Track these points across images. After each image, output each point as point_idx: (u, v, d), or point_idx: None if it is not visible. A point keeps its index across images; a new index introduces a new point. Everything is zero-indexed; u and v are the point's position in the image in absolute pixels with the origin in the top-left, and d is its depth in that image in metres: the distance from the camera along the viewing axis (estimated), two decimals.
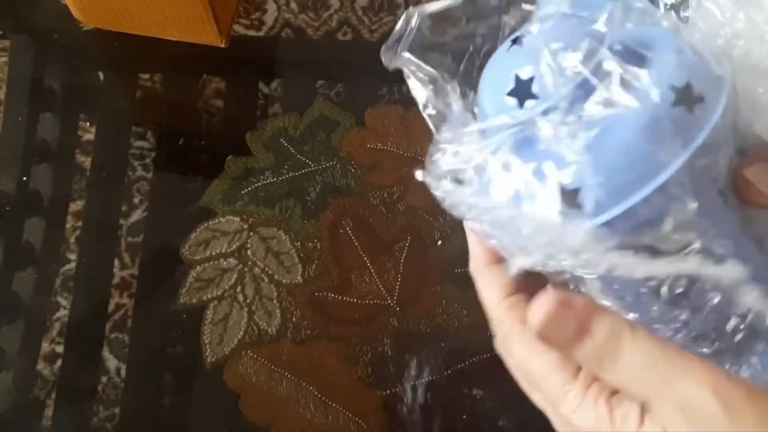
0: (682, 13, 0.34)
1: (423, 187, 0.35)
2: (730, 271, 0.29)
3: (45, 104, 0.70)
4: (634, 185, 0.31)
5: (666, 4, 0.34)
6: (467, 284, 0.62)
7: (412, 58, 0.34)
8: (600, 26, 0.32)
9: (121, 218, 0.65)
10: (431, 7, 0.34)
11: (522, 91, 0.32)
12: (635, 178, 0.31)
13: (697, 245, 0.30)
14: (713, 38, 0.33)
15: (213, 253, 0.63)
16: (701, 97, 0.30)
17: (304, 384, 0.60)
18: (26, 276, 0.64)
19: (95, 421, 0.60)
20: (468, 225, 0.36)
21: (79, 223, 0.66)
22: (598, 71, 0.31)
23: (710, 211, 0.31)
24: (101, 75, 0.71)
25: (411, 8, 0.33)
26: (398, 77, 0.69)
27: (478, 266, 0.37)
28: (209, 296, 0.62)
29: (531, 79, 0.32)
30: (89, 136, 0.68)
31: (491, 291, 0.35)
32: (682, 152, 0.30)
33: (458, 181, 0.34)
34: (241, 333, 0.61)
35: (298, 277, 0.63)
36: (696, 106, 0.30)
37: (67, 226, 0.65)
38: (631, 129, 0.30)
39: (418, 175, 0.34)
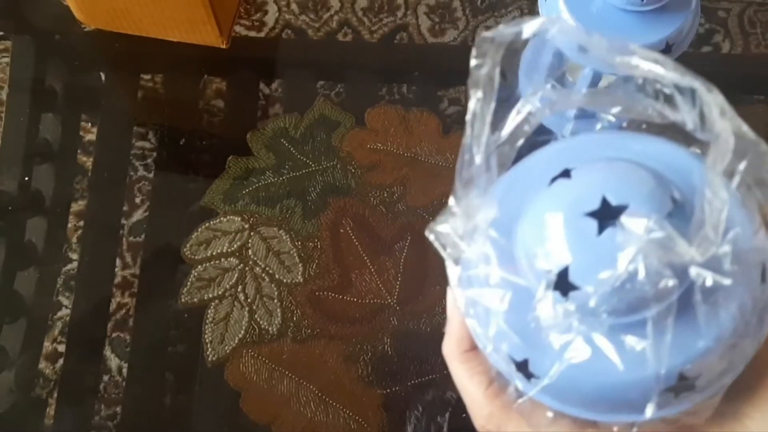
0: None
1: (423, 187, 0.34)
2: None
3: (47, 105, 0.70)
4: (595, 411, 0.32)
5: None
6: None
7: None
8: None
9: (122, 218, 0.65)
10: None
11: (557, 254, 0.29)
12: (601, 408, 0.31)
13: None
14: None
15: (214, 253, 0.64)
16: None
17: (304, 383, 0.60)
18: (28, 275, 0.64)
19: (97, 419, 0.60)
20: (453, 298, 0.34)
21: (81, 223, 0.66)
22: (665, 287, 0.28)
23: None
24: (103, 75, 0.71)
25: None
26: (398, 77, 0.70)
27: (456, 351, 0.35)
28: (210, 295, 0.62)
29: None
30: (91, 136, 0.68)
31: (472, 380, 0.34)
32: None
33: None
34: (242, 332, 0.61)
35: (299, 277, 0.63)
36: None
37: (69, 225, 0.65)
38: (611, 382, 0.30)
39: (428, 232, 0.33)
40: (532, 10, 0.58)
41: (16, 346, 0.62)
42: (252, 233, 0.64)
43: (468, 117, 0.31)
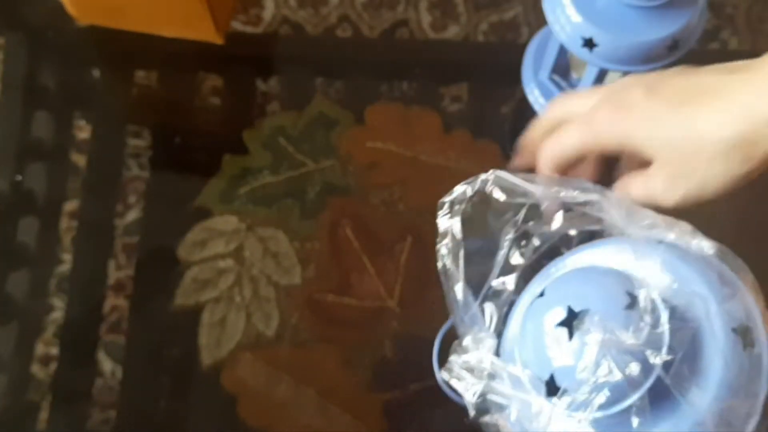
0: None
1: (424, 186, 0.36)
2: None
3: (39, 102, 0.69)
4: None
5: None
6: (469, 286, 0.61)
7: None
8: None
9: (116, 218, 0.65)
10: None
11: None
12: None
13: None
14: None
15: (210, 254, 0.63)
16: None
17: (303, 387, 0.59)
18: (20, 277, 0.64)
19: (90, 424, 0.60)
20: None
21: (74, 223, 0.65)
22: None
23: None
24: (96, 72, 0.71)
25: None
26: (398, 74, 0.68)
27: None
28: (206, 297, 0.62)
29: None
30: (84, 134, 0.68)
31: None
32: None
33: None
34: (239, 335, 0.61)
35: (297, 278, 0.62)
36: None
37: (62, 226, 0.65)
38: None
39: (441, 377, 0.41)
40: (535, 3, 0.57)
41: (7, 349, 0.62)
42: (249, 234, 0.64)
43: (440, 268, 0.43)
